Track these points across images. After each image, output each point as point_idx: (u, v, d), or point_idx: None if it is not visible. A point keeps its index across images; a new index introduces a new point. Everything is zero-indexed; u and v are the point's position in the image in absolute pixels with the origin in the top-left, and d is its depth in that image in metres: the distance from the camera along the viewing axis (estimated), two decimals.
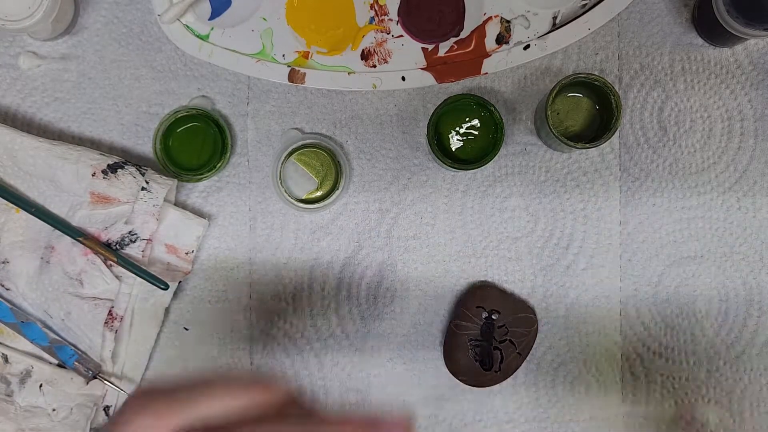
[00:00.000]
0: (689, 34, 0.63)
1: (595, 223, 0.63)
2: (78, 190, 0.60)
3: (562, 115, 0.61)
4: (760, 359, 0.63)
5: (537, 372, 0.63)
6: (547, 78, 0.63)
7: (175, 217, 0.61)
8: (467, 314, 0.61)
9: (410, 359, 0.63)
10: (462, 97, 0.59)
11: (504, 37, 0.62)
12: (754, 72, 0.63)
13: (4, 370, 0.61)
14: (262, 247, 0.63)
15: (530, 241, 0.63)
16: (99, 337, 0.60)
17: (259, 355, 0.63)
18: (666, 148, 0.63)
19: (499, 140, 0.59)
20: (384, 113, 0.63)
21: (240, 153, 0.63)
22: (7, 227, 0.61)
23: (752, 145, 0.63)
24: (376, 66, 0.62)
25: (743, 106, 0.63)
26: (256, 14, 0.62)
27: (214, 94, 0.63)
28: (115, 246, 0.60)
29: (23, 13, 0.56)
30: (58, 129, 0.63)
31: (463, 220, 0.63)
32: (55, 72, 0.63)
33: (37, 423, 0.60)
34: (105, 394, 0.61)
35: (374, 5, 0.62)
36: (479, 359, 0.60)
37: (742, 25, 0.56)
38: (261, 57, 0.62)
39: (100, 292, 0.60)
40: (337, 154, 0.62)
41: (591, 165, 0.63)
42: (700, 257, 0.63)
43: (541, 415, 0.63)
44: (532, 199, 0.63)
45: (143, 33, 0.63)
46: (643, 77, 0.63)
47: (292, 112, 0.63)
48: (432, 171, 0.63)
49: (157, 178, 0.60)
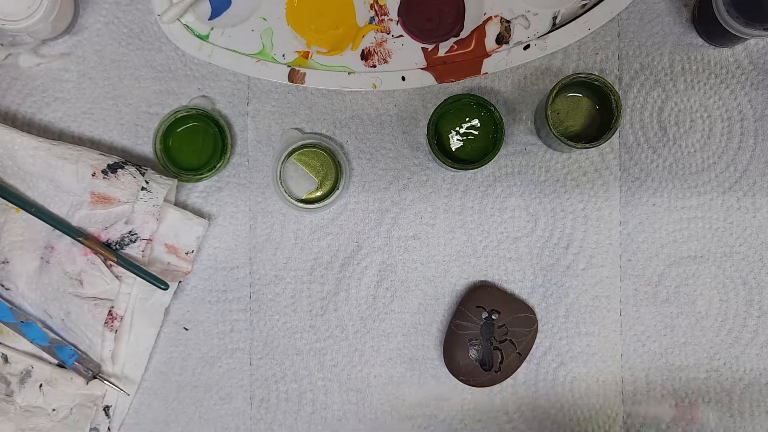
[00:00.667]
0: (689, 34, 0.63)
1: (595, 223, 0.63)
2: (78, 190, 0.60)
3: (562, 115, 0.61)
4: (760, 359, 0.63)
5: (537, 372, 0.63)
6: (547, 78, 0.63)
7: (175, 217, 0.61)
8: (467, 314, 0.61)
9: (410, 359, 0.63)
10: (462, 97, 0.59)
11: (504, 37, 0.62)
12: (754, 72, 0.63)
13: (4, 370, 0.61)
14: (262, 247, 0.63)
15: (530, 241, 0.63)
16: (99, 337, 0.60)
17: (258, 355, 0.63)
18: (666, 148, 0.63)
19: (499, 140, 0.59)
20: (384, 113, 0.63)
21: (240, 153, 0.63)
22: (7, 227, 0.61)
23: (752, 145, 0.63)
24: (376, 66, 0.62)
25: (743, 106, 0.63)
26: (256, 14, 0.62)
27: (214, 94, 0.63)
28: (115, 246, 0.60)
29: (23, 13, 0.56)
30: (58, 129, 0.63)
31: (463, 220, 0.63)
32: (55, 72, 0.63)
33: (36, 423, 0.60)
34: (105, 394, 0.61)
35: (374, 5, 0.62)
36: (479, 359, 0.60)
37: (742, 25, 0.56)
38: (261, 57, 0.62)
39: (100, 292, 0.60)
40: (337, 154, 0.62)
41: (591, 165, 0.63)
42: (700, 257, 0.63)
43: (540, 415, 0.63)
44: (532, 199, 0.63)
45: (143, 33, 0.63)
46: (643, 77, 0.63)
47: (292, 112, 0.63)
48: (432, 171, 0.63)
49: (157, 178, 0.60)
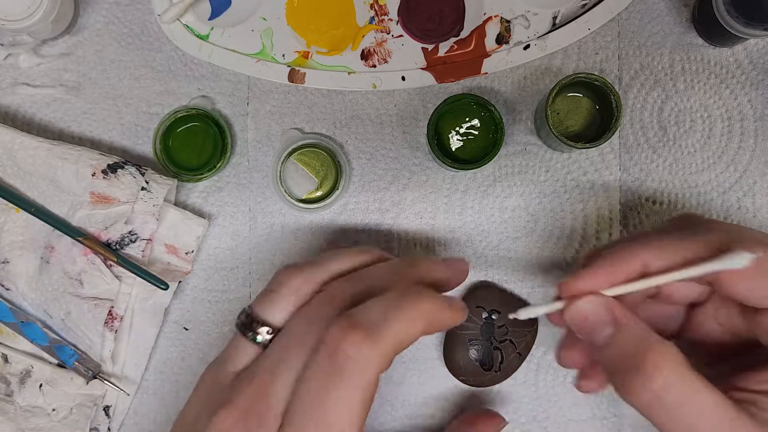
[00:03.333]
0: (689, 34, 0.63)
1: (595, 223, 0.63)
2: (78, 190, 0.60)
3: (562, 115, 0.61)
4: None
5: (537, 372, 0.63)
6: (547, 78, 0.63)
7: (175, 217, 0.61)
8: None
9: (410, 359, 0.63)
10: (462, 97, 0.59)
11: (504, 37, 0.62)
12: (754, 72, 0.63)
13: (4, 370, 0.61)
14: (262, 247, 0.63)
15: (530, 241, 0.63)
16: (99, 337, 0.60)
17: None
18: (666, 148, 0.63)
19: (499, 140, 0.59)
20: (384, 113, 0.63)
21: (240, 153, 0.63)
22: (7, 227, 0.61)
23: (752, 145, 0.63)
24: (376, 66, 0.62)
25: (743, 106, 0.63)
26: (256, 14, 0.62)
27: (214, 94, 0.63)
28: (115, 246, 0.60)
29: (23, 13, 0.56)
30: (58, 129, 0.63)
31: (463, 220, 0.63)
32: (55, 72, 0.63)
33: (36, 423, 0.60)
34: (105, 394, 0.61)
35: (374, 5, 0.62)
36: (479, 359, 0.60)
37: (742, 25, 0.56)
38: (261, 57, 0.62)
39: (100, 292, 0.60)
40: (337, 154, 0.62)
41: (591, 165, 0.63)
42: None
43: (540, 415, 0.63)
44: (532, 199, 0.63)
45: (143, 33, 0.63)
46: (643, 77, 0.63)
47: (292, 112, 0.63)
48: (432, 171, 0.63)
49: (157, 178, 0.60)
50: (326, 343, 0.41)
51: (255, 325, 0.46)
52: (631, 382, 0.41)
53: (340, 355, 0.41)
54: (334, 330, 0.41)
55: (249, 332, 0.46)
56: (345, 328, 0.41)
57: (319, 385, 0.41)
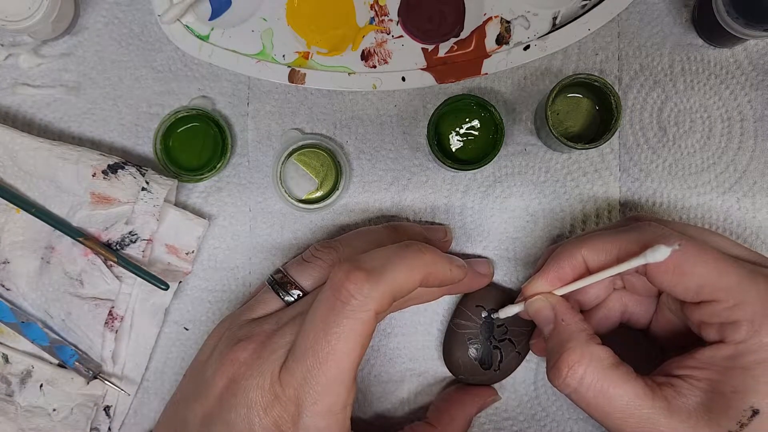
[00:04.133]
0: (689, 35, 0.63)
1: (595, 223, 0.63)
2: (78, 191, 0.60)
3: (562, 116, 0.61)
4: None
5: (536, 371, 0.63)
6: (547, 78, 0.63)
7: (175, 217, 0.61)
8: (467, 313, 0.61)
9: (410, 359, 0.63)
10: (462, 97, 0.59)
11: (504, 37, 0.62)
12: (753, 72, 0.63)
13: (5, 370, 0.61)
14: (262, 247, 0.63)
15: (530, 241, 0.63)
16: (99, 337, 0.60)
17: None
18: (666, 149, 0.63)
19: (499, 141, 0.59)
20: (384, 114, 0.63)
21: (240, 153, 0.63)
22: (8, 227, 0.61)
23: (752, 146, 0.63)
24: (377, 66, 0.62)
25: (743, 107, 0.63)
26: (256, 14, 0.62)
27: (214, 94, 0.63)
28: (116, 246, 0.60)
29: (23, 13, 0.56)
30: (58, 129, 0.63)
31: (463, 220, 0.63)
32: (55, 72, 0.63)
33: (37, 423, 0.60)
34: (105, 394, 0.62)
35: (374, 5, 0.62)
36: (478, 358, 0.61)
37: (742, 25, 0.56)
38: (261, 57, 0.62)
39: (100, 292, 0.60)
40: (337, 155, 0.62)
41: (591, 165, 0.63)
42: None
43: (540, 414, 0.63)
44: (532, 199, 0.63)
45: (143, 33, 0.63)
46: (643, 78, 0.63)
47: (292, 112, 0.63)
48: (432, 171, 0.63)
49: (158, 178, 0.60)
50: (331, 282, 0.46)
51: (289, 286, 0.53)
52: (553, 376, 0.49)
53: (342, 293, 0.45)
54: (339, 271, 0.46)
55: (281, 291, 0.53)
56: (348, 270, 0.46)
57: (322, 319, 0.46)
